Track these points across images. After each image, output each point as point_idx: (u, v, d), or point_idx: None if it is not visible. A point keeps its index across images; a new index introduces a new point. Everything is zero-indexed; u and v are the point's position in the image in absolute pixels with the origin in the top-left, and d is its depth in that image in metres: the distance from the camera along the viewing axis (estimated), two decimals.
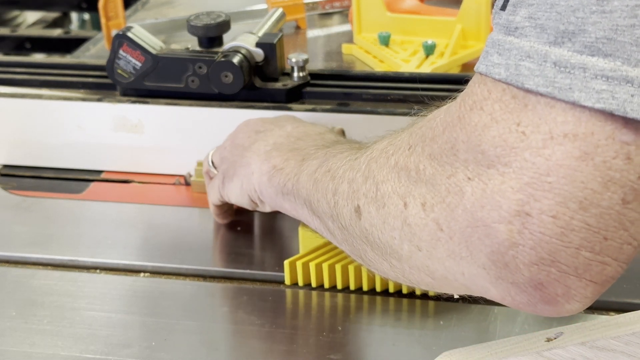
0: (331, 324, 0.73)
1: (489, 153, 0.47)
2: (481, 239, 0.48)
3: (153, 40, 0.94)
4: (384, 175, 0.55)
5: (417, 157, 0.53)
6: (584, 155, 0.45)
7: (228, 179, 0.80)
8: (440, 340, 0.69)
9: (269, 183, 0.73)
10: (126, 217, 0.89)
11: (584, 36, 0.44)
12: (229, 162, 0.80)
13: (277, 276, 0.78)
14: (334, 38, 1.27)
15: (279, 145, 0.76)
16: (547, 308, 0.49)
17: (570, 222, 0.45)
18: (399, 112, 0.89)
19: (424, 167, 0.52)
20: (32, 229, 0.88)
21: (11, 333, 0.73)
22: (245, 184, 0.77)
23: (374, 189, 0.56)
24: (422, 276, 0.54)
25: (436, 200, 0.50)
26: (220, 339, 0.72)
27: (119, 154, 0.96)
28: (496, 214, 0.47)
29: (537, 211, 0.46)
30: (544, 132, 0.46)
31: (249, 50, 0.91)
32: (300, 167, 0.70)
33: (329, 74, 0.96)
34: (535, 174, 0.46)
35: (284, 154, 0.74)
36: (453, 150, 0.50)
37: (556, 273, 0.46)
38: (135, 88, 0.94)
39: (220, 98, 0.93)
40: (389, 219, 0.54)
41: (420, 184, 0.52)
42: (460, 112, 0.50)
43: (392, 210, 0.54)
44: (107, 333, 0.72)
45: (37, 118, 0.96)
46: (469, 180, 0.48)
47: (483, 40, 1.12)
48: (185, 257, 0.82)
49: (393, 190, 0.54)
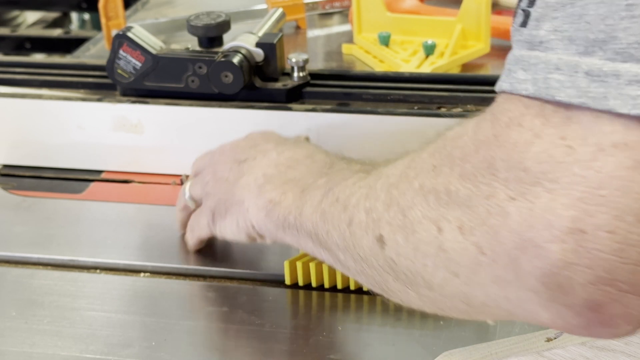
0: (331, 324, 0.73)
1: (533, 170, 0.45)
2: (531, 261, 0.46)
3: (153, 40, 0.94)
4: (409, 200, 0.53)
5: (446, 178, 0.50)
6: (636, 165, 0.43)
7: (219, 216, 0.77)
8: (440, 340, 0.69)
9: (268, 218, 0.71)
10: (126, 217, 0.89)
11: (615, 43, 0.43)
12: (216, 199, 0.77)
13: (277, 276, 0.78)
14: (334, 38, 1.27)
15: (270, 177, 0.73)
16: (604, 330, 0.46)
17: (628, 236, 0.43)
18: (399, 112, 0.89)
19: (456, 188, 0.49)
20: (32, 229, 0.88)
21: (11, 333, 0.73)
22: (241, 222, 0.74)
23: (400, 216, 0.53)
24: (457, 304, 0.52)
25: (475, 222, 0.48)
26: (220, 339, 0.72)
27: (119, 154, 0.96)
28: (547, 233, 0.45)
29: (592, 227, 0.44)
30: (592, 144, 0.44)
31: (249, 50, 0.91)
32: (301, 199, 0.67)
33: (329, 74, 0.96)
34: (587, 188, 0.44)
35: (279, 186, 0.71)
36: (490, 169, 0.47)
37: (615, 292, 0.44)
38: (135, 88, 0.94)
39: (220, 98, 0.93)
40: (420, 245, 0.51)
41: (453, 206, 0.49)
42: (495, 130, 0.48)
43: (424, 236, 0.51)
44: (107, 333, 0.72)
45: (37, 118, 0.96)
46: (512, 200, 0.46)
47: (483, 40, 1.12)
48: (185, 257, 0.82)
49: (423, 215, 0.51)
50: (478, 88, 0.91)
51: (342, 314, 0.74)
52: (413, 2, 1.26)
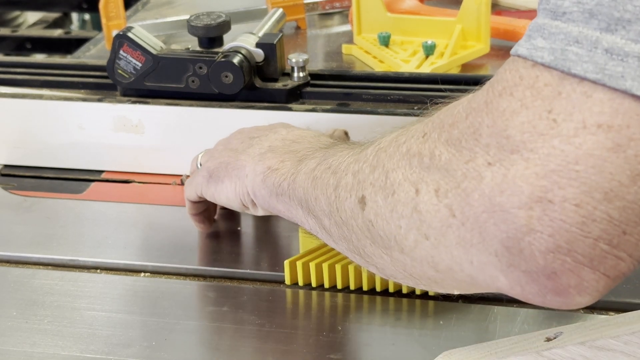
0: (331, 324, 0.73)
1: (514, 138, 0.47)
2: (497, 225, 0.47)
3: (153, 41, 0.94)
4: (394, 163, 0.54)
5: (433, 144, 0.52)
6: (616, 147, 0.44)
7: (216, 179, 0.78)
8: (440, 340, 0.70)
9: (263, 184, 0.72)
10: (126, 217, 0.90)
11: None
12: (217, 162, 0.79)
13: (277, 276, 0.78)
14: (334, 38, 1.27)
15: (275, 147, 0.75)
16: (557, 300, 0.48)
17: (592, 212, 0.45)
18: (399, 112, 0.89)
19: (440, 152, 0.51)
20: (33, 229, 0.88)
21: (12, 333, 0.73)
22: (238, 186, 0.76)
23: (383, 177, 0.54)
24: (425, 269, 0.53)
25: (451, 185, 0.49)
26: (220, 339, 0.72)
27: (119, 154, 0.96)
28: (516, 199, 0.46)
29: (560, 198, 0.45)
30: (576, 120, 0.45)
31: (249, 50, 0.92)
32: (297, 167, 0.69)
33: (329, 74, 0.96)
34: (562, 161, 0.45)
35: (280, 155, 0.73)
36: (475, 135, 0.49)
37: (571, 263, 0.46)
38: (136, 88, 0.94)
39: (220, 98, 0.93)
40: (397, 206, 0.53)
41: (434, 170, 0.51)
42: (488, 97, 0.49)
43: (402, 197, 0.52)
44: (107, 333, 0.72)
45: (38, 118, 0.97)
46: (489, 165, 0.48)
47: (483, 40, 1.12)
48: (185, 257, 0.82)
49: (404, 177, 0.53)
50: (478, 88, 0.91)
51: (342, 314, 0.74)
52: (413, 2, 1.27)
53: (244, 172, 0.75)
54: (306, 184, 0.66)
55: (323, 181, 0.63)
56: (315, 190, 0.64)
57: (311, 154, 0.70)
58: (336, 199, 0.60)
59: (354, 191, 0.58)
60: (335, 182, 0.61)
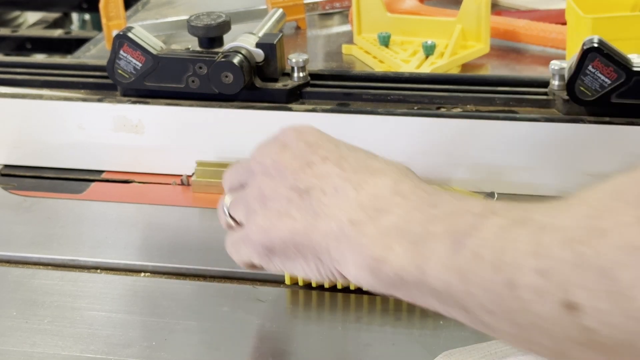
0: (331, 324, 0.73)
1: None
2: None
3: (153, 41, 0.94)
4: (610, 259, 0.45)
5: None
6: None
7: (283, 256, 0.65)
8: (440, 340, 0.70)
9: (374, 277, 0.58)
10: (127, 217, 0.90)
11: None
12: (276, 239, 0.64)
13: (277, 276, 0.78)
14: (334, 38, 1.27)
15: (360, 224, 0.59)
16: None
17: None
18: (399, 112, 0.89)
19: None
20: (33, 229, 0.88)
21: (12, 333, 0.73)
22: (324, 270, 0.63)
23: (602, 279, 0.45)
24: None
25: None
26: (220, 339, 0.72)
27: (119, 154, 0.96)
28: None
29: None
30: None
31: (249, 50, 0.92)
32: (416, 254, 0.56)
33: (329, 74, 0.96)
34: None
35: (378, 238, 0.58)
36: None
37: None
38: (136, 88, 0.94)
39: (220, 98, 0.93)
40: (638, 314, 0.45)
41: None
42: None
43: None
44: (107, 333, 0.72)
45: (38, 118, 0.97)
46: None
47: (483, 40, 1.12)
48: (185, 257, 0.82)
49: (638, 277, 0.44)
50: (478, 88, 0.91)
51: (342, 314, 0.74)
52: (413, 2, 1.27)
53: (330, 257, 0.61)
54: (446, 277, 0.54)
55: (477, 275, 0.52)
56: (465, 285, 0.53)
57: (422, 230, 0.56)
58: (515, 300, 0.50)
59: (551, 295, 0.48)
60: (505, 280, 0.50)
